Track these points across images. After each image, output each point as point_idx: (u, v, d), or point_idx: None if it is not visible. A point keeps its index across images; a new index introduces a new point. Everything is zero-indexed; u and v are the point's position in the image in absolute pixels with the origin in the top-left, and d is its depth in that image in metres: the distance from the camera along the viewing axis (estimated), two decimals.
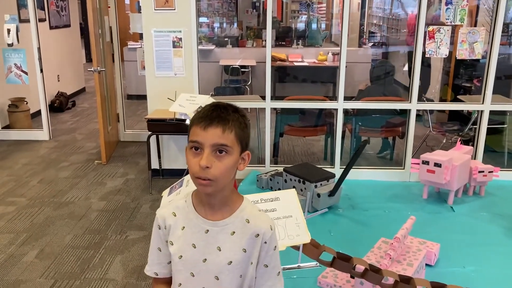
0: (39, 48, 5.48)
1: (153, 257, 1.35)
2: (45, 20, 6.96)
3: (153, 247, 1.35)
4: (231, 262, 1.26)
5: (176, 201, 1.34)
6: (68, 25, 7.99)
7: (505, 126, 4.91)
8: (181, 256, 1.28)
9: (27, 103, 6.13)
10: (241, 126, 1.23)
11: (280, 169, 4.12)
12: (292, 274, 2.68)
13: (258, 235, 1.28)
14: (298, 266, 1.95)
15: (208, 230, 1.27)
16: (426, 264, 2.82)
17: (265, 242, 1.29)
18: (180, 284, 1.30)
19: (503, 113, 4.84)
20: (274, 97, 6.43)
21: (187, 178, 2.35)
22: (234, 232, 1.27)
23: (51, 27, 7.22)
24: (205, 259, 1.27)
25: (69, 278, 2.90)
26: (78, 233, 3.46)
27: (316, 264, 1.98)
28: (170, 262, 1.33)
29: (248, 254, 1.28)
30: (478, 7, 5.93)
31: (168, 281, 1.36)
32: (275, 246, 1.33)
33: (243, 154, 1.25)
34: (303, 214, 1.86)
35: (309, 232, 1.93)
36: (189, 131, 1.24)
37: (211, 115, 1.20)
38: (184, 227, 1.28)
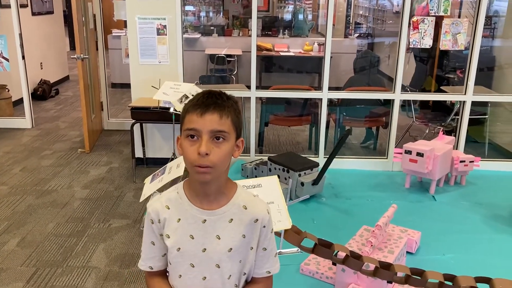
0: (20, 35, 5.39)
1: (147, 252, 1.34)
2: (26, 6, 6.83)
3: (146, 242, 1.33)
4: (231, 249, 1.26)
5: (167, 193, 1.32)
6: (51, 12, 7.85)
7: (487, 117, 4.98)
8: (180, 248, 1.27)
9: (8, 91, 6.04)
10: (236, 112, 1.23)
11: (265, 158, 4.13)
12: None
13: (257, 220, 1.28)
14: (279, 252, 1.96)
15: (205, 220, 1.26)
16: (407, 252, 2.87)
17: (264, 226, 1.30)
18: (180, 275, 1.30)
19: (485, 104, 4.90)
20: (260, 87, 6.44)
21: (170, 165, 2.35)
22: (232, 220, 1.27)
23: (33, 13, 7.10)
24: (205, 249, 1.26)
25: (51, 266, 2.88)
26: (60, 221, 3.44)
27: (298, 250, 2.00)
28: (165, 255, 1.32)
29: (247, 240, 1.28)
30: None
31: (163, 273, 1.36)
32: (272, 229, 1.35)
33: (237, 141, 1.25)
34: (284, 201, 1.87)
35: (290, 218, 1.94)
36: (182, 120, 1.22)
37: (206, 102, 1.19)
38: (179, 219, 1.27)
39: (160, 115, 3.90)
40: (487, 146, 4.96)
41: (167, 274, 1.37)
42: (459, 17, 5.82)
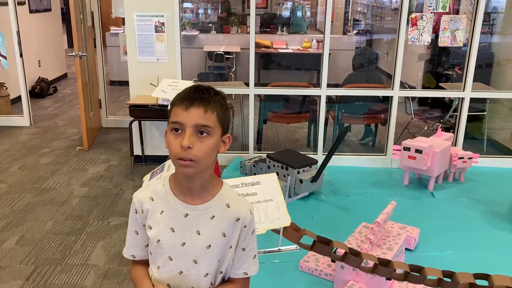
0: (18, 32, 5.37)
1: (131, 240, 1.35)
2: (24, 3, 6.81)
3: (130, 230, 1.35)
4: (210, 246, 1.27)
5: (153, 185, 1.33)
6: (49, 9, 7.83)
7: (485, 113, 4.98)
8: (159, 240, 1.28)
9: (6, 89, 6.02)
10: (222, 108, 1.22)
11: (264, 155, 4.13)
12: (274, 258, 2.70)
13: (238, 219, 1.28)
14: (278, 249, 1.97)
15: (187, 214, 1.27)
16: (406, 249, 2.87)
17: (245, 226, 1.30)
18: (159, 267, 1.31)
19: (483, 100, 4.91)
20: (259, 84, 6.44)
21: (168, 163, 2.35)
22: (213, 216, 1.27)
23: (31, 11, 7.07)
24: (184, 243, 1.27)
25: (50, 264, 2.88)
26: (59, 219, 3.44)
27: (297, 247, 2.00)
28: (147, 245, 1.33)
29: (227, 238, 1.28)
30: None
31: (146, 262, 1.36)
32: (253, 230, 1.34)
33: (224, 137, 1.25)
34: (283, 198, 1.87)
35: (289, 215, 1.94)
36: (169, 113, 1.22)
37: (192, 96, 1.19)
38: (162, 211, 1.28)
39: (158, 112, 3.89)
40: (485, 143, 4.97)
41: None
42: (457, 13, 5.82)
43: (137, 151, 4.43)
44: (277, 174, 3.77)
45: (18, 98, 5.78)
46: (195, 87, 1.24)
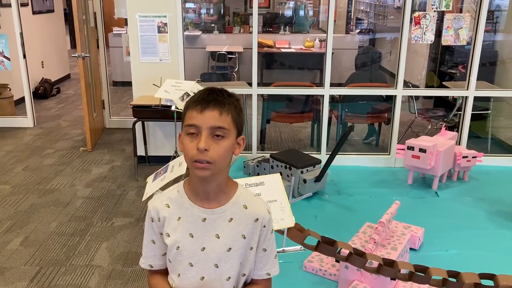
0: (21, 34, 5.39)
1: (147, 250, 1.33)
2: (27, 4, 6.83)
3: (147, 240, 1.33)
4: (230, 249, 1.26)
5: (167, 192, 1.32)
6: (52, 10, 7.85)
7: (489, 112, 4.96)
8: (179, 247, 1.26)
9: (10, 90, 6.03)
10: (237, 109, 1.22)
11: (267, 155, 4.12)
12: (278, 259, 2.70)
13: (257, 219, 1.28)
14: (283, 250, 1.97)
15: (205, 219, 1.25)
16: (410, 248, 2.86)
17: (264, 226, 1.29)
18: (179, 274, 1.29)
19: (487, 99, 4.89)
20: (262, 84, 6.43)
21: (172, 163, 2.35)
22: (232, 219, 1.26)
23: (34, 12, 7.09)
24: (204, 248, 1.26)
25: (54, 265, 2.89)
26: (63, 220, 3.44)
27: (301, 248, 2.00)
28: (165, 254, 1.31)
29: (247, 240, 1.27)
30: None
31: (164, 272, 1.35)
32: (272, 230, 1.33)
33: (238, 139, 1.24)
34: (287, 199, 1.86)
35: (293, 216, 1.94)
36: (183, 116, 1.22)
37: (207, 98, 1.19)
38: (180, 218, 1.27)
39: (161, 113, 3.90)
40: (489, 141, 4.95)
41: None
42: (461, 12, 5.79)
43: (141, 151, 4.44)
44: (281, 174, 3.76)
45: (22, 99, 5.80)
46: (209, 89, 1.23)
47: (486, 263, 2.76)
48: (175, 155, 3.99)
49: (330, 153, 3.65)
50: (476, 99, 4.36)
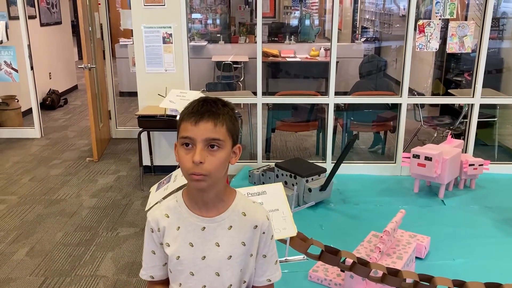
0: (29, 45, 5.45)
1: (148, 261, 1.34)
2: (35, 17, 6.92)
3: (146, 251, 1.33)
4: (230, 256, 1.26)
5: (166, 202, 1.32)
6: (59, 22, 7.94)
7: (496, 119, 4.93)
8: (179, 257, 1.26)
9: (18, 101, 6.09)
10: (231, 119, 1.22)
11: (272, 164, 4.11)
12: (283, 268, 2.67)
13: (256, 226, 1.28)
14: (285, 259, 1.96)
15: (204, 227, 1.25)
16: (417, 257, 2.83)
17: (263, 233, 1.30)
18: (181, 284, 1.29)
19: (494, 106, 4.86)
20: (267, 93, 6.45)
21: (175, 173, 2.35)
22: (231, 227, 1.26)
23: (41, 24, 7.18)
24: (204, 256, 1.26)
25: (59, 275, 2.89)
26: (69, 230, 3.45)
27: (304, 257, 1.99)
28: (165, 264, 1.32)
29: (247, 247, 1.27)
30: (468, 1, 5.95)
31: (164, 282, 1.35)
32: (272, 236, 1.34)
33: (234, 148, 1.24)
34: (289, 208, 1.86)
35: (298, 225, 1.93)
36: (178, 128, 1.22)
37: (201, 110, 1.19)
38: (179, 227, 1.27)
39: (167, 123, 3.91)
40: (496, 149, 4.91)
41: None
42: (465, 19, 5.79)
43: (146, 161, 4.45)
44: (286, 183, 3.76)
45: (29, 110, 5.85)
46: (202, 100, 1.23)
47: (493, 272, 2.73)
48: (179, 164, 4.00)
49: (335, 161, 3.64)
50: (482, 106, 4.34)
